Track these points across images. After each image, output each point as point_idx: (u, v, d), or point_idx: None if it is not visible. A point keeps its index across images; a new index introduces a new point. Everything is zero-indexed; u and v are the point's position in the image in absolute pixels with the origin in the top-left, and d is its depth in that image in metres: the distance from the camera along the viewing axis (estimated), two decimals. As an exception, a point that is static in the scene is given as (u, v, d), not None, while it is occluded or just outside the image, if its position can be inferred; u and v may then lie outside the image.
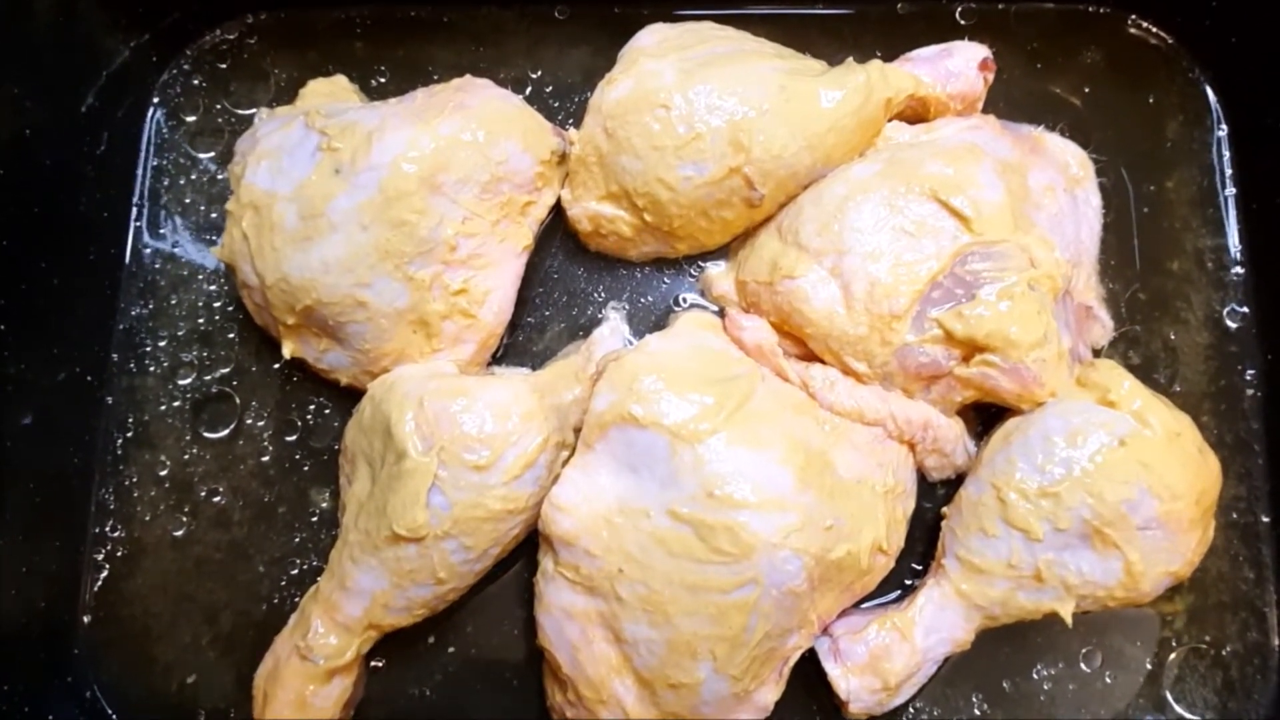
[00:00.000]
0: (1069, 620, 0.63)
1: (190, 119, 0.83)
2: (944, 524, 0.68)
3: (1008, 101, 0.80)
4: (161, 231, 0.81)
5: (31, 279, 0.72)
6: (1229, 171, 0.80)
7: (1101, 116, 0.80)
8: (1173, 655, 0.72)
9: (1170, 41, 0.82)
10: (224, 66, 0.83)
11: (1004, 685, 0.71)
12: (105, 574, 0.74)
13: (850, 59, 0.72)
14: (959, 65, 0.73)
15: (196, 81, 0.83)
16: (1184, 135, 0.80)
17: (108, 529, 0.75)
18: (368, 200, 0.66)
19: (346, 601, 0.65)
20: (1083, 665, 0.71)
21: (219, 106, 0.83)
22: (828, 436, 0.65)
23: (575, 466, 0.64)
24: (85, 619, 0.73)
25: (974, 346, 0.64)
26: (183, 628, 0.73)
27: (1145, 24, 0.82)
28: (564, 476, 0.64)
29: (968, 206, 0.65)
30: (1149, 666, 0.71)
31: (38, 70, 0.73)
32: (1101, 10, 0.82)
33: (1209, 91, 0.81)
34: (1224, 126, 0.81)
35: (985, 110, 0.74)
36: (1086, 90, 0.81)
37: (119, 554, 0.74)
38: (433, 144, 0.66)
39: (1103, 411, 0.64)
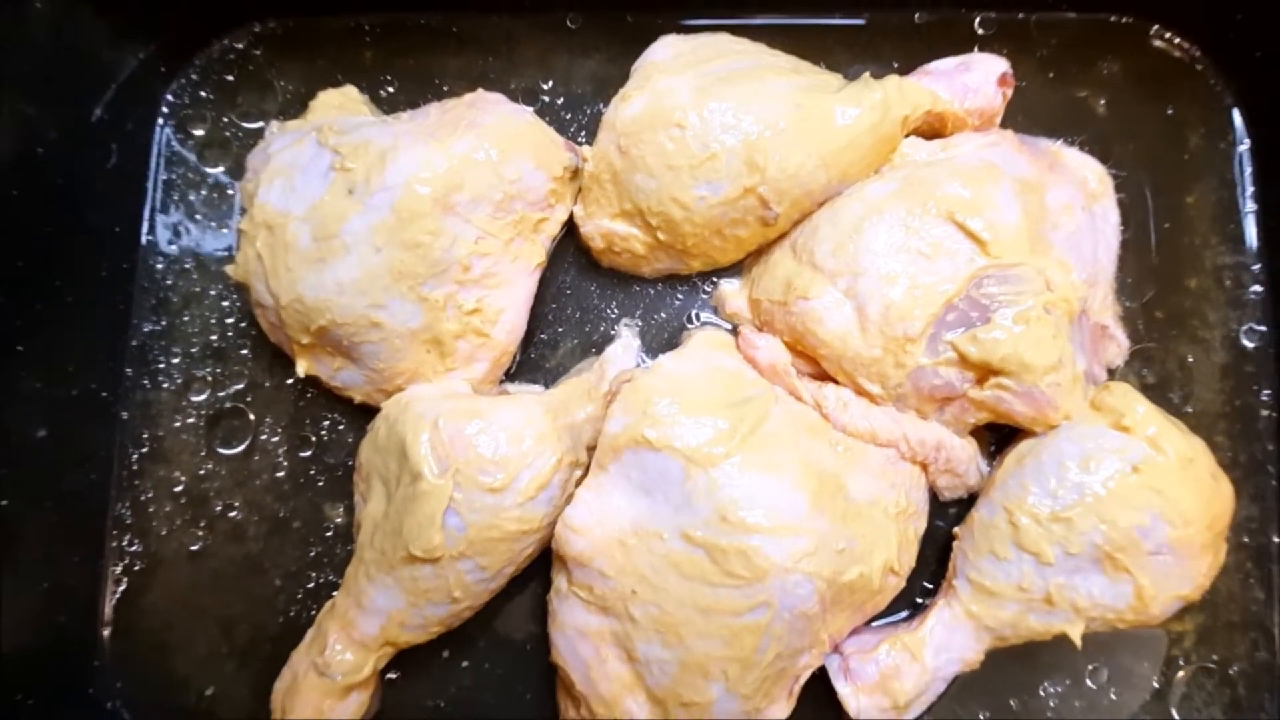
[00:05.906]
0: (1078, 642, 0.64)
1: (198, 132, 0.82)
2: (955, 545, 0.69)
3: (1026, 113, 0.79)
4: (172, 246, 0.80)
5: (44, 295, 0.73)
6: (1250, 187, 0.79)
7: (1122, 129, 0.80)
8: (1180, 673, 0.73)
9: (1195, 53, 0.81)
10: (231, 78, 0.82)
11: (1011, 703, 0.72)
12: (123, 588, 0.75)
13: (867, 74, 0.71)
14: (977, 80, 0.72)
15: (204, 93, 0.82)
16: (1205, 149, 0.79)
17: (125, 543, 0.76)
18: (381, 222, 0.65)
19: (363, 619, 0.66)
20: (1089, 683, 0.72)
21: (226, 119, 0.82)
22: (841, 459, 0.66)
23: (589, 488, 0.65)
24: (105, 632, 0.74)
25: (988, 370, 0.65)
26: (200, 641, 0.74)
27: (1169, 35, 0.81)
28: (577, 498, 0.65)
29: (984, 230, 0.65)
30: (1156, 684, 0.72)
31: (45, 84, 0.72)
32: (1124, 20, 0.81)
33: (1232, 105, 0.80)
34: (1246, 141, 0.79)
35: (1004, 119, 0.74)
36: (1105, 102, 0.81)
37: (136, 568, 0.75)
38: (446, 164, 0.66)
39: (1116, 437, 0.64)
